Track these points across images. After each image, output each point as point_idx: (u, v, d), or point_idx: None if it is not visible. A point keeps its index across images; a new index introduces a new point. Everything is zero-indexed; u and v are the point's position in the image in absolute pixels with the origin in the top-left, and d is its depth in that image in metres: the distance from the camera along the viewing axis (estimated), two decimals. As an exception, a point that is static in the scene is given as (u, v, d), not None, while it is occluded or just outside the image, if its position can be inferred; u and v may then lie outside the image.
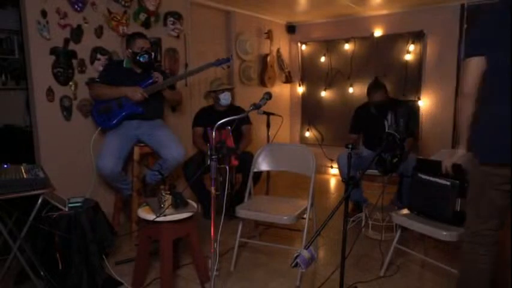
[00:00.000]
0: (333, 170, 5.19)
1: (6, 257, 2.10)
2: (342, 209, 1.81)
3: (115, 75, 2.92)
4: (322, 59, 5.14)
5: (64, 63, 2.91)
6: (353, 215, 3.32)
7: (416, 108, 4.46)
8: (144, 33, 3.07)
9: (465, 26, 4.05)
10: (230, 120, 1.82)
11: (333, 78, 5.09)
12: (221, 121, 1.82)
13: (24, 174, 2.04)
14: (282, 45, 5.30)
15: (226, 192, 2.08)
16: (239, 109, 3.60)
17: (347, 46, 4.90)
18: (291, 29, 5.38)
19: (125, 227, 3.17)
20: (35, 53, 2.77)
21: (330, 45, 5.05)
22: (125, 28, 3.26)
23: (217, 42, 4.43)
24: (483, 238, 1.64)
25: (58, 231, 2.08)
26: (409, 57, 4.47)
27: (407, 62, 4.49)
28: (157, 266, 2.45)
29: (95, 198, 2.55)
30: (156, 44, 3.53)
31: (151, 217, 2.07)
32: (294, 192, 4.29)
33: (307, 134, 5.49)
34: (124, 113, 2.90)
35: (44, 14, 2.76)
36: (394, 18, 4.54)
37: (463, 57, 1.65)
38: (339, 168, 3.45)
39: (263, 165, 2.79)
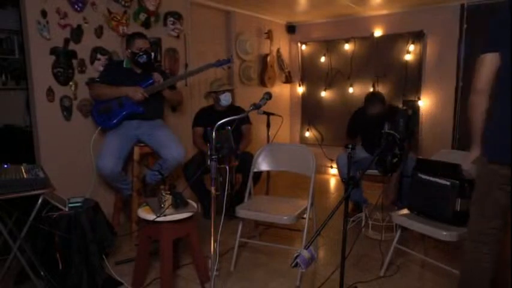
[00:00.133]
0: (333, 170, 5.18)
1: (6, 257, 2.10)
2: (342, 209, 1.81)
3: (115, 75, 2.93)
4: (322, 59, 5.14)
5: (64, 63, 2.92)
6: (353, 215, 3.32)
7: (416, 108, 4.46)
8: (144, 33, 3.07)
9: (465, 26, 4.05)
10: (230, 120, 1.83)
11: (333, 78, 5.09)
12: (221, 121, 1.82)
13: (24, 174, 2.04)
14: (282, 45, 5.30)
15: (226, 192, 2.08)
16: (239, 109, 3.59)
17: (347, 46, 4.90)
18: (291, 29, 5.38)
19: (125, 227, 3.17)
20: (35, 53, 2.77)
21: (330, 45, 5.05)
22: (125, 28, 3.26)
23: (217, 42, 4.43)
24: (487, 237, 1.63)
25: (58, 231, 2.08)
26: (409, 57, 4.47)
27: (407, 62, 4.49)
28: (157, 266, 2.44)
29: (95, 198, 2.55)
30: (156, 44, 3.53)
31: (151, 217, 2.07)
32: (294, 192, 4.29)
33: (307, 134, 5.49)
34: (124, 113, 2.90)
35: (44, 14, 2.77)
36: (394, 18, 4.54)
37: (479, 53, 1.61)
38: (338, 168, 3.45)
39: (263, 165, 2.79)
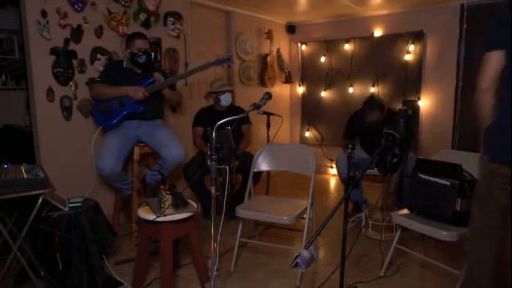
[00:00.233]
0: (333, 170, 5.18)
1: (6, 257, 2.10)
2: (342, 209, 1.81)
3: (115, 75, 2.92)
4: (322, 59, 5.14)
5: (64, 63, 2.92)
6: (353, 215, 3.31)
7: (416, 108, 4.46)
8: (144, 33, 3.07)
9: (465, 26, 4.05)
10: (230, 120, 1.83)
11: (333, 78, 5.09)
12: (221, 121, 1.82)
13: (24, 174, 2.04)
14: (282, 45, 5.30)
15: (226, 192, 2.08)
16: (239, 109, 3.59)
17: (347, 46, 4.90)
18: (291, 29, 5.38)
19: (125, 227, 3.17)
20: (35, 53, 2.77)
21: (330, 45, 5.05)
22: (125, 28, 3.26)
23: (217, 42, 4.43)
24: (487, 235, 1.63)
25: (58, 231, 2.08)
26: (409, 57, 4.47)
27: (407, 62, 4.49)
28: (157, 266, 2.45)
29: (95, 198, 2.55)
30: (156, 44, 3.53)
31: (151, 217, 2.07)
32: (294, 192, 4.29)
33: (307, 134, 5.49)
34: (125, 112, 2.89)
35: (44, 14, 2.77)
36: (394, 18, 4.54)
37: (485, 51, 1.60)
38: (338, 169, 3.45)
39: (263, 165, 2.79)
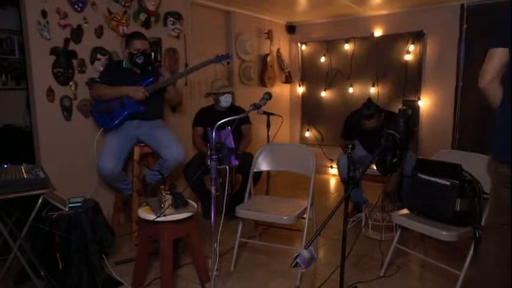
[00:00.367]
0: (333, 170, 5.19)
1: (6, 257, 2.10)
2: (342, 209, 1.81)
3: (115, 75, 2.92)
4: (322, 59, 5.14)
5: (64, 63, 2.92)
6: (353, 215, 3.32)
7: (416, 108, 4.46)
8: (144, 33, 3.06)
9: (465, 26, 4.05)
10: (230, 120, 1.83)
11: (333, 78, 5.09)
12: (221, 121, 1.82)
13: (24, 174, 2.04)
14: (282, 45, 5.30)
15: (226, 192, 2.08)
16: (239, 109, 3.59)
17: (347, 46, 4.90)
18: (291, 29, 5.38)
19: (125, 227, 3.17)
20: (35, 53, 2.77)
21: (330, 45, 5.05)
22: (125, 28, 3.26)
23: (217, 42, 4.43)
24: (495, 231, 1.65)
25: (58, 231, 2.08)
26: (409, 57, 4.47)
27: (407, 62, 4.49)
28: (157, 266, 2.45)
29: (95, 198, 2.55)
30: (156, 44, 3.53)
31: (151, 217, 2.07)
32: (294, 192, 4.29)
33: (307, 134, 5.49)
34: (126, 112, 2.89)
35: (44, 14, 2.77)
36: (394, 18, 4.54)
37: (489, 47, 1.61)
38: (339, 169, 3.44)
39: (263, 165, 2.79)
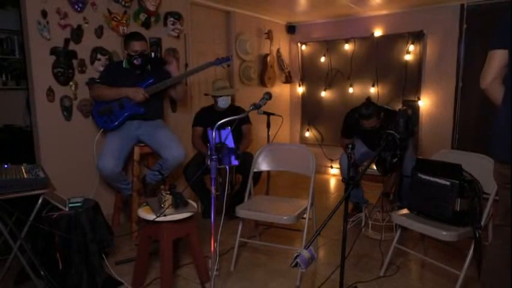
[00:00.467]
0: (333, 170, 5.19)
1: (6, 257, 2.11)
2: (342, 209, 1.81)
3: (115, 75, 2.92)
4: (322, 59, 5.14)
5: (64, 63, 2.92)
6: (353, 215, 3.32)
7: (416, 108, 4.46)
8: (144, 33, 3.07)
9: (465, 26, 4.05)
10: (230, 120, 1.83)
11: (333, 78, 5.09)
12: (221, 121, 1.82)
13: (24, 174, 2.04)
14: (282, 45, 5.30)
15: (226, 192, 2.08)
16: (239, 109, 3.59)
17: (347, 46, 4.90)
18: (291, 29, 5.38)
19: (125, 227, 3.17)
20: (35, 53, 2.77)
21: (330, 45, 5.05)
22: (125, 28, 3.26)
23: (217, 42, 4.43)
24: (500, 230, 1.65)
25: (58, 231, 2.08)
26: (409, 57, 4.47)
27: (407, 62, 4.49)
28: (157, 266, 2.45)
29: (95, 198, 2.55)
30: (156, 44, 3.53)
31: (151, 217, 2.07)
32: (294, 192, 4.29)
33: (307, 134, 5.49)
34: (126, 114, 2.90)
35: (44, 14, 2.77)
36: (394, 18, 4.54)
37: (489, 48, 1.61)
38: (341, 169, 3.44)
39: (263, 165, 2.79)
